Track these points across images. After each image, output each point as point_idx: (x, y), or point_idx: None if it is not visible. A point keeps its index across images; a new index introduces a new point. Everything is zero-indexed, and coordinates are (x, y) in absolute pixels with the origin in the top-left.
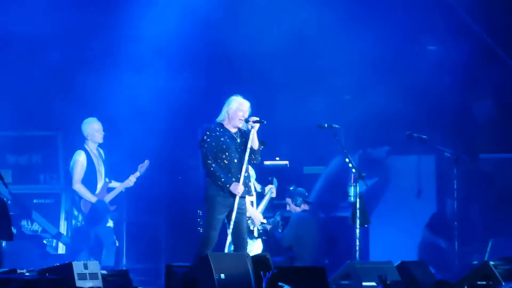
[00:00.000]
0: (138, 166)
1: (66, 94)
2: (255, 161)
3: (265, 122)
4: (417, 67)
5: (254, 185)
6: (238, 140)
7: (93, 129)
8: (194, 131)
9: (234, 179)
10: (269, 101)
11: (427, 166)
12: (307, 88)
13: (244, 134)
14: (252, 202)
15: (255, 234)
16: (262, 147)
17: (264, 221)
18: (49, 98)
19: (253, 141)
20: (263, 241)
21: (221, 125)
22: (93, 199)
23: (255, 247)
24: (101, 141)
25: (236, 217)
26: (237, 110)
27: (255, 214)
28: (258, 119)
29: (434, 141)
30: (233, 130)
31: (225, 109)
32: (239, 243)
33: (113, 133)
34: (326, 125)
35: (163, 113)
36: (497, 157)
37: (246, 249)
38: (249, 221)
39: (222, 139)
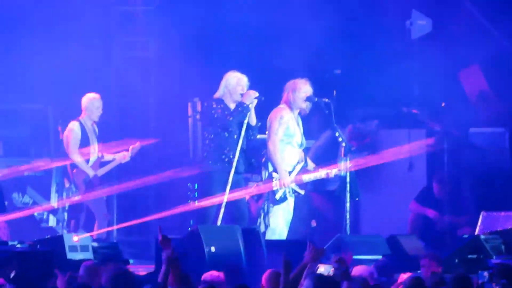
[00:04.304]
0: (129, 147)
1: (56, 67)
2: (252, 137)
3: (263, 98)
4: (406, 41)
5: (307, 160)
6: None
7: (92, 105)
8: (184, 105)
9: (232, 155)
10: (259, 77)
11: (418, 140)
12: (297, 64)
13: (242, 112)
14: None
15: (276, 196)
16: (259, 123)
17: (297, 189)
18: (39, 71)
19: (251, 117)
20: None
21: (221, 101)
22: (90, 171)
23: (276, 213)
24: (97, 119)
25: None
26: (236, 85)
27: (283, 175)
28: (257, 94)
29: (424, 116)
30: (232, 106)
31: (223, 84)
32: (235, 216)
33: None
34: (316, 99)
35: (153, 87)
36: (487, 132)
37: (244, 221)
38: (274, 183)
39: (225, 112)
